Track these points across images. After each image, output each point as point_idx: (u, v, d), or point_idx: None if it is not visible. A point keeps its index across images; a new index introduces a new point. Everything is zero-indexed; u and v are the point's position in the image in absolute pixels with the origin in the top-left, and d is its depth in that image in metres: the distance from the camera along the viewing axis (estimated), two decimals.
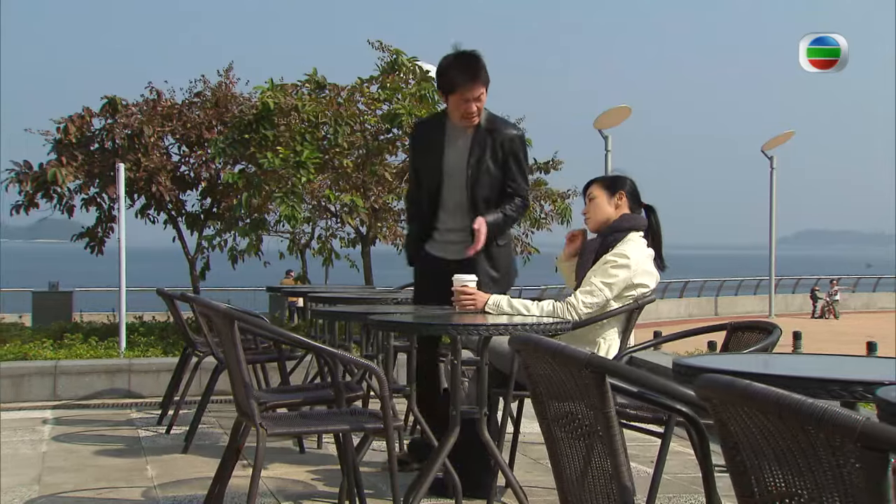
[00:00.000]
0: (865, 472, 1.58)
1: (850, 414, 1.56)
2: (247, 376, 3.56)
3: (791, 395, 1.65)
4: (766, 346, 3.61)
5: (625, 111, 13.73)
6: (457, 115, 4.60)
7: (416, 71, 10.41)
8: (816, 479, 1.68)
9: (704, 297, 30.78)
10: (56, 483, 4.55)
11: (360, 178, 9.82)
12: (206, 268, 10.98)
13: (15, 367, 6.66)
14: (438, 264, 4.73)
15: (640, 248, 4.36)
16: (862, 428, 1.53)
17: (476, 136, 4.65)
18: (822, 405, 1.60)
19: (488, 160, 4.67)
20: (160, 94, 10.87)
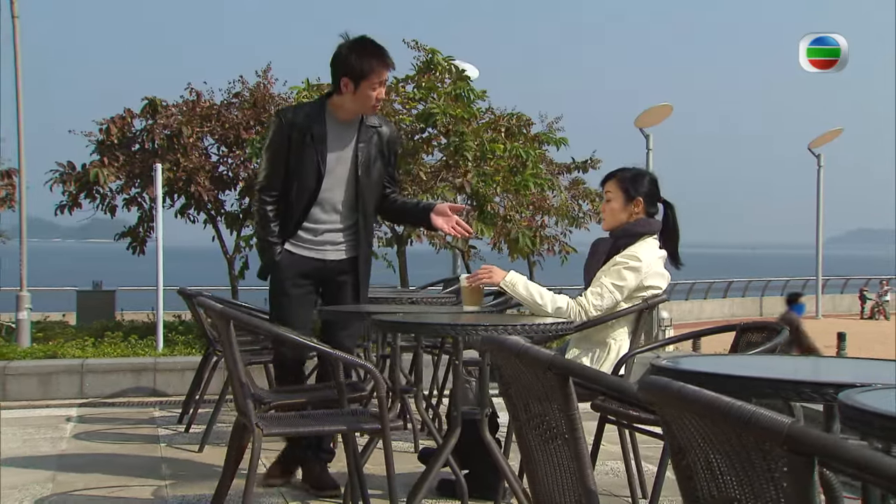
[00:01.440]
0: (793, 477, 1.55)
1: (776, 417, 1.52)
2: (243, 376, 3.56)
3: (721, 398, 1.61)
4: (773, 347, 3.54)
5: (666, 109, 13.58)
6: (363, 102, 4.39)
7: (451, 70, 10.41)
8: (752, 483, 1.64)
9: (749, 298, 30.33)
10: (69, 481, 4.60)
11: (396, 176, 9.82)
12: (245, 267, 11.05)
13: (43, 365, 6.78)
14: (312, 265, 4.53)
15: (651, 250, 4.31)
16: (788, 431, 1.50)
17: (362, 132, 4.50)
18: (750, 408, 1.56)
19: (375, 157, 4.54)
20: (199, 94, 10.96)
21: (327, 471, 4.54)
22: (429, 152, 10.16)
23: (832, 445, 1.48)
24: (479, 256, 11.21)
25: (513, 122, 10.56)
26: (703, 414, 1.64)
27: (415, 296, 5.47)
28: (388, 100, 10.07)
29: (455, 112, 9.61)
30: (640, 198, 4.35)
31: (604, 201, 4.51)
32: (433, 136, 10.01)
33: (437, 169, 9.97)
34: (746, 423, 1.55)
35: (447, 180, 9.93)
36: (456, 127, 9.66)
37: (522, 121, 10.66)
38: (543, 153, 11.21)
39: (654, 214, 4.43)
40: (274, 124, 4.61)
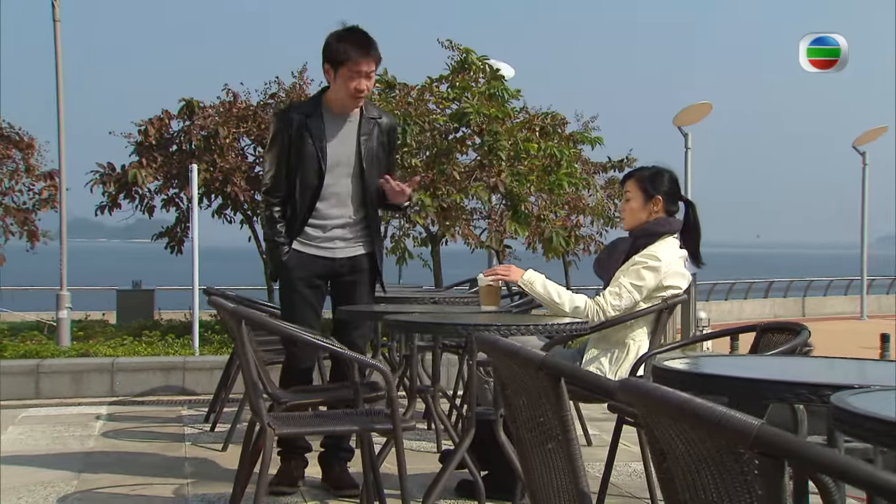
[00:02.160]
0: (763, 480, 1.53)
1: (746, 419, 1.50)
2: (255, 376, 3.58)
3: (692, 400, 1.59)
4: (793, 347, 3.49)
5: (705, 107, 13.46)
6: (344, 92, 4.34)
7: (486, 69, 10.40)
8: (728, 487, 1.62)
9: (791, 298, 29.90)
10: (94, 479, 4.65)
11: (429, 177, 9.83)
12: None
13: (75, 363, 6.87)
14: (321, 263, 4.50)
15: (671, 250, 4.28)
16: (757, 433, 1.48)
17: (362, 123, 4.47)
18: (721, 410, 1.54)
19: (377, 148, 4.50)
20: (236, 95, 11.04)
21: (347, 470, 4.54)
22: (463, 152, 10.16)
23: (800, 448, 1.45)
24: (515, 256, 11.18)
25: (547, 122, 10.53)
26: (676, 416, 1.62)
27: (437, 295, 5.46)
28: (423, 100, 10.10)
29: (489, 111, 9.61)
30: (659, 196, 4.32)
31: (623, 201, 4.48)
32: (467, 135, 10.02)
33: (472, 169, 9.97)
34: (717, 424, 1.53)
35: (481, 180, 9.92)
36: (490, 126, 9.65)
37: (557, 120, 10.63)
38: (578, 152, 11.17)
39: (674, 213, 4.40)
40: (273, 124, 4.63)
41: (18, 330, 9.67)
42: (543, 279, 4.20)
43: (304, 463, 4.57)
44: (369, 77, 4.37)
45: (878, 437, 1.76)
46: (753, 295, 29.35)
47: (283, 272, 4.50)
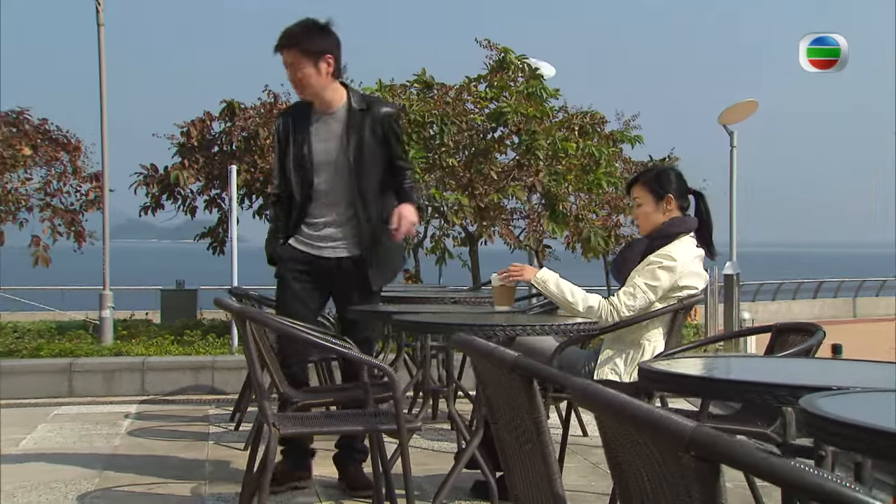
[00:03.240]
0: (699, 484, 1.49)
1: (681, 421, 1.46)
2: (260, 375, 3.59)
3: (631, 402, 1.55)
4: (807, 348, 3.42)
5: (751, 105, 13.21)
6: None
7: (524, 69, 10.36)
8: (672, 493, 1.58)
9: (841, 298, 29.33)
10: (116, 477, 4.70)
11: (467, 176, 9.81)
12: None
13: (106, 362, 6.96)
14: (308, 259, 4.48)
15: (687, 249, 4.22)
16: (692, 435, 1.43)
17: (350, 119, 4.40)
18: (658, 413, 1.50)
19: (369, 141, 4.40)
20: (276, 96, 11.12)
21: (362, 470, 4.53)
22: (502, 151, 10.13)
23: (734, 450, 1.41)
24: (555, 256, 11.13)
25: (586, 121, 10.46)
26: (619, 419, 1.59)
27: (458, 295, 5.44)
28: (461, 99, 10.08)
29: (526, 111, 9.57)
30: (670, 195, 4.27)
31: (634, 207, 4.42)
32: (505, 135, 9.99)
33: (509, 168, 9.93)
34: (653, 427, 1.49)
35: (519, 179, 9.88)
36: (527, 126, 9.61)
37: (596, 119, 10.56)
38: (619, 151, 11.08)
39: (686, 208, 4.35)
40: (274, 127, 4.64)
41: (66, 328, 9.82)
42: (557, 278, 4.17)
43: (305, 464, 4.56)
44: (293, 67, 4.35)
45: (844, 440, 1.71)
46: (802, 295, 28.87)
47: (277, 266, 4.54)
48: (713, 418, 3.81)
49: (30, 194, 11.46)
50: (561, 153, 9.75)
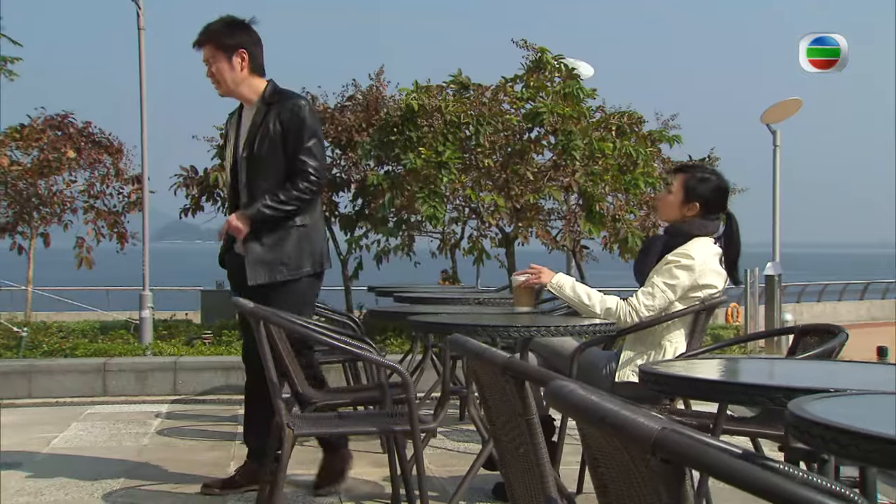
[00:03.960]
0: (665, 487, 1.47)
1: (646, 423, 1.44)
2: (274, 375, 3.60)
3: (599, 404, 1.53)
4: (829, 350, 3.37)
5: (795, 104, 13.07)
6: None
7: (561, 69, 10.31)
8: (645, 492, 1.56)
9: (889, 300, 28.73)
10: (141, 476, 4.74)
11: (503, 177, 9.78)
12: (360, 267, 11.19)
13: (139, 362, 7.04)
14: (238, 263, 4.45)
15: (705, 248, 4.17)
16: (656, 438, 1.41)
17: (257, 112, 4.36)
18: (624, 414, 1.48)
19: (271, 134, 4.30)
20: (314, 98, 11.18)
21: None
22: (539, 152, 10.08)
23: (697, 452, 1.39)
24: (593, 257, 11.08)
25: (623, 121, 10.38)
26: (587, 420, 1.57)
27: (482, 296, 5.42)
28: (497, 100, 10.05)
29: (563, 111, 9.51)
30: (697, 202, 4.22)
31: (665, 190, 4.38)
32: (542, 135, 9.94)
33: (546, 169, 9.88)
34: (619, 429, 1.47)
35: (555, 180, 9.83)
36: (563, 126, 9.55)
37: (633, 119, 10.47)
38: (658, 151, 10.98)
39: (713, 220, 4.29)
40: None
41: (109, 329, 9.95)
42: (573, 282, 4.15)
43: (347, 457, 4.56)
44: (209, 62, 4.39)
45: (825, 442, 1.68)
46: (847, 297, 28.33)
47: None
48: (734, 421, 3.77)
49: (74, 196, 11.66)
50: (598, 153, 9.68)
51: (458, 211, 10.45)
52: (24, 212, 11.40)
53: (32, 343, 8.13)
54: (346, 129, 10.86)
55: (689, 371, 2.33)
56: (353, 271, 11.08)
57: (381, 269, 11.02)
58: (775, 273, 10.53)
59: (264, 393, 3.71)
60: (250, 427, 4.53)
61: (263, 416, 4.09)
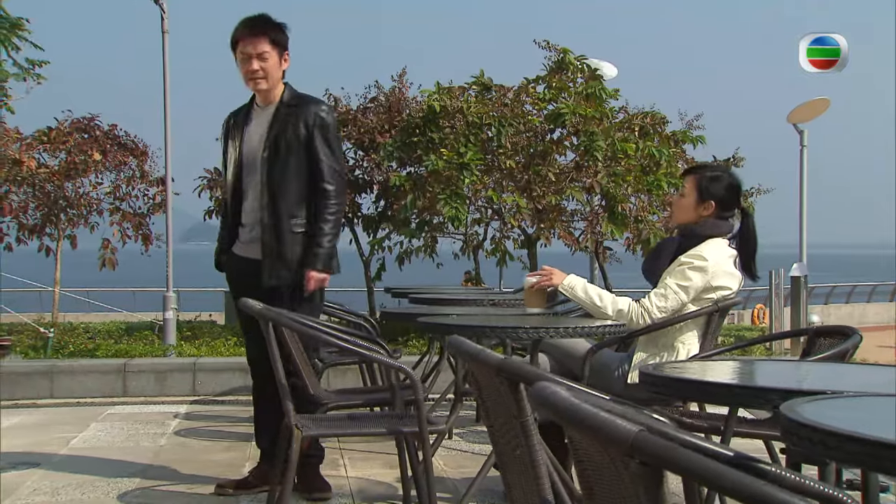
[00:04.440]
0: (644, 489, 1.46)
1: (624, 426, 1.43)
2: (282, 377, 3.61)
3: (580, 406, 1.52)
4: (842, 352, 3.34)
5: (823, 104, 12.95)
6: (243, 78, 4.34)
7: (584, 69, 10.27)
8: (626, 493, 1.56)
9: None
10: (156, 476, 4.77)
11: (525, 178, 9.77)
12: (382, 269, 11.20)
13: (158, 363, 7.09)
14: (246, 264, 4.42)
15: (719, 249, 4.15)
16: (633, 440, 1.41)
17: (277, 113, 4.33)
18: (602, 416, 1.47)
19: (290, 138, 4.29)
20: (337, 100, 11.21)
21: (318, 474, 4.47)
22: (562, 153, 10.05)
23: (673, 455, 1.38)
24: (616, 258, 11.04)
25: (646, 121, 10.34)
26: (567, 423, 1.56)
27: (497, 297, 5.41)
28: (519, 101, 10.03)
29: (585, 112, 9.48)
30: (712, 201, 4.20)
31: (678, 195, 4.38)
32: (564, 136, 9.91)
33: (568, 170, 9.85)
34: (598, 431, 1.46)
35: (578, 181, 9.80)
36: (585, 127, 9.52)
37: (656, 119, 10.43)
38: (682, 152, 10.93)
39: (726, 219, 4.27)
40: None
41: (135, 330, 10.02)
42: (584, 283, 4.14)
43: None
44: (262, 58, 4.30)
45: (813, 445, 1.67)
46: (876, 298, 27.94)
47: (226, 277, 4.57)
48: (747, 423, 3.73)
49: (100, 198, 11.76)
50: (620, 154, 9.64)
51: (481, 212, 10.45)
52: (51, 214, 11.50)
53: (59, 344, 8.22)
54: (369, 130, 10.88)
55: (683, 373, 2.31)
56: (376, 273, 11.09)
57: (405, 270, 11.03)
58: (801, 274, 10.43)
59: (271, 394, 3.71)
60: (260, 428, 4.54)
61: (272, 418, 4.09)
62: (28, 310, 13.30)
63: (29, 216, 11.54)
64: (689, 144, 10.85)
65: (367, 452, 5.27)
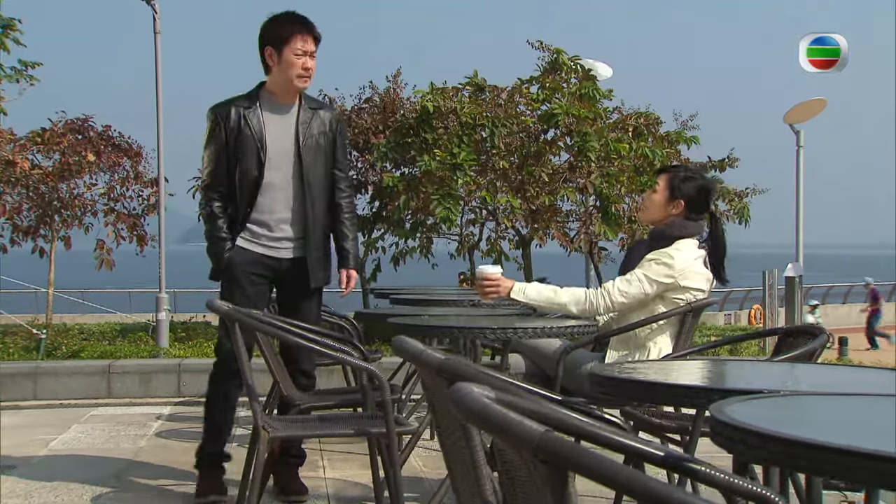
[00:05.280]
0: (551, 489, 1.44)
1: (530, 427, 1.40)
2: (249, 378, 3.59)
3: (489, 407, 1.49)
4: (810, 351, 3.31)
5: (819, 104, 12.88)
6: (290, 73, 4.24)
7: (577, 70, 10.23)
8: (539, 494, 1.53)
9: None
10: (133, 478, 4.75)
11: (519, 178, 9.74)
12: (378, 269, 11.17)
13: (143, 364, 7.06)
14: (266, 262, 4.35)
15: (687, 250, 4.13)
16: (538, 442, 1.38)
17: (301, 113, 4.33)
18: (511, 417, 1.44)
19: (320, 138, 4.35)
20: (332, 100, 11.19)
21: (296, 476, 4.46)
22: (556, 153, 10.02)
23: (579, 457, 1.35)
24: (611, 258, 10.99)
25: (640, 122, 10.30)
26: (475, 423, 1.53)
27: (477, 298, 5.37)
28: (513, 102, 10.00)
29: (578, 112, 9.45)
30: (681, 200, 4.18)
31: (650, 191, 4.35)
32: (558, 136, 9.87)
33: (562, 170, 9.82)
34: (506, 432, 1.43)
35: (571, 181, 9.77)
36: (578, 127, 9.49)
37: (651, 119, 10.39)
38: (677, 152, 10.88)
39: (696, 221, 4.25)
40: (210, 119, 4.37)
41: (129, 331, 10.01)
42: (535, 285, 4.13)
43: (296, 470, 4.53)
44: (313, 57, 4.30)
45: (734, 444, 1.64)
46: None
47: (226, 270, 4.33)
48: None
49: (95, 199, 11.75)
50: (613, 154, 9.60)
51: (475, 213, 10.42)
52: (45, 215, 11.50)
53: (52, 345, 8.20)
54: (363, 131, 10.87)
55: (627, 373, 2.28)
56: (371, 274, 11.06)
57: (400, 271, 11.00)
58: (795, 274, 10.38)
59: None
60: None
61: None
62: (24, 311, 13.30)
63: (23, 217, 11.53)
64: (684, 145, 10.81)
65: (347, 453, 5.25)
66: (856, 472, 1.40)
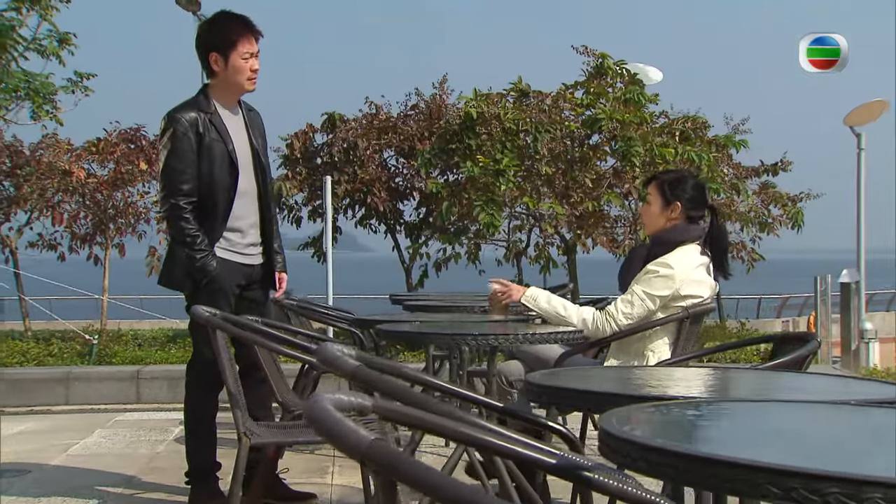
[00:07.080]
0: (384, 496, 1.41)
1: (359, 435, 1.35)
2: (231, 384, 3.57)
3: (326, 416, 1.44)
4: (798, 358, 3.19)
5: (880, 106, 12.55)
6: (240, 78, 4.14)
7: (623, 74, 10.11)
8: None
9: None
10: (144, 484, 4.76)
11: (563, 184, 9.64)
12: (425, 275, 11.16)
13: (170, 370, 7.10)
14: (243, 271, 4.27)
15: (687, 257, 4.02)
16: (365, 451, 1.34)
17: (245, 115, 4.29)
18: (343, 427, 1.38)
19: (260, 140, 4.34)
20: (378, 108, 11.23)
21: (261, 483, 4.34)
22: (602, 158, 9.90)
23: (399, 466, 1.30)
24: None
25: (688, 126, 10.12)
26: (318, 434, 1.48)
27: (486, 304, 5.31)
28: (557, 107, 9.90)
29: (622, 117, 9.32)
30: (678, 202, 4.09)
31: (644, 204, 4.26)
32: (602, 142, 9.76)
33: (606, 175, 9.70)
34: (336, 440, 1.38)
35: (616, 186, 9.65)
36: (623, 132, 9.36)
37: (698, 123, 10.20)
38: (726, 157, 10.69)
39: (697, 220, 4.14)
40: (172, 128, 4.15)
41: (179, 336, 10.11)
42: (548, 294, 4.07)
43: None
44: (258, 56, 4.22)
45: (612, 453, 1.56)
46: None
47: (211, 283, 4.14)
48: None
49: (148, 207, 11.92)
50: (659, 159, 9.45)
51: (521, 219, 10.34)
52: (101, 223, 11.70)
53: (104, 351, 8.33)
54: (409, 137, 10.89)
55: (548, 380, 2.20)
56: (419, 280, 11.05)
57: (447, 277, 10.97)
58: (851, 280, 10.09)
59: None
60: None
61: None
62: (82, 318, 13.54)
63: (80, 225, 11.74)
64: (734, 149, 10.60)
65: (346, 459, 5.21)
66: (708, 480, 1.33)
